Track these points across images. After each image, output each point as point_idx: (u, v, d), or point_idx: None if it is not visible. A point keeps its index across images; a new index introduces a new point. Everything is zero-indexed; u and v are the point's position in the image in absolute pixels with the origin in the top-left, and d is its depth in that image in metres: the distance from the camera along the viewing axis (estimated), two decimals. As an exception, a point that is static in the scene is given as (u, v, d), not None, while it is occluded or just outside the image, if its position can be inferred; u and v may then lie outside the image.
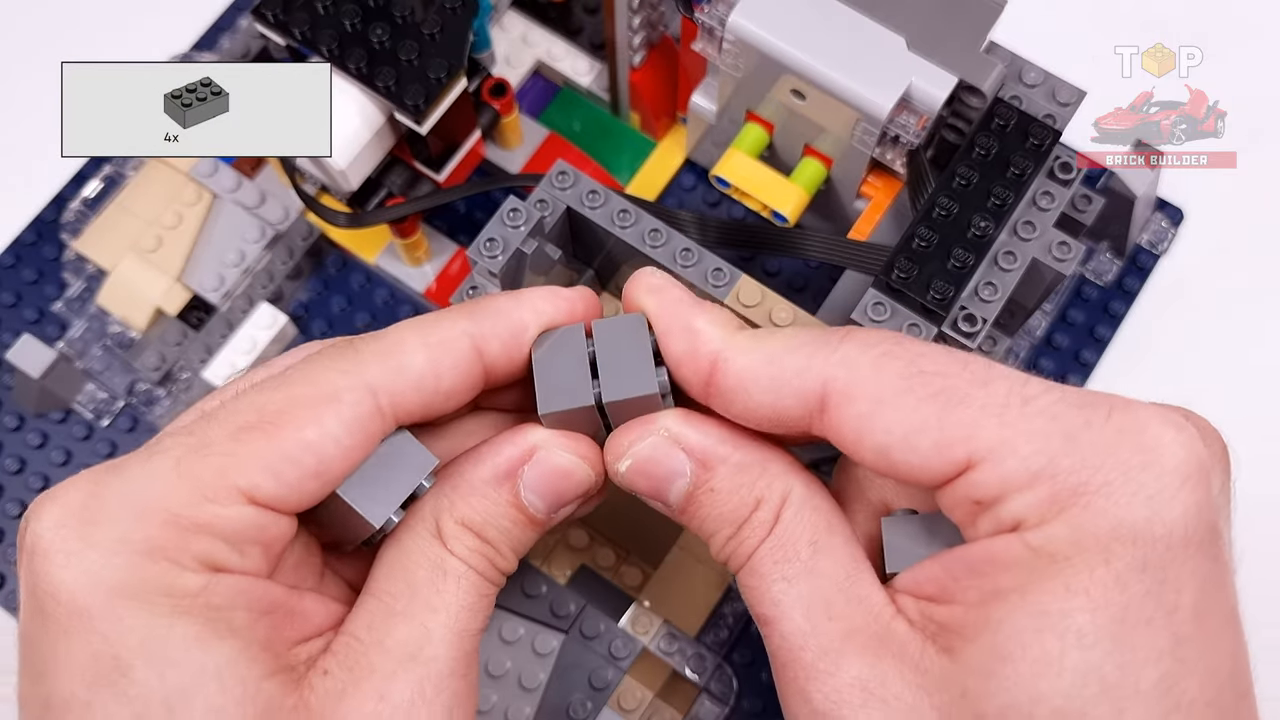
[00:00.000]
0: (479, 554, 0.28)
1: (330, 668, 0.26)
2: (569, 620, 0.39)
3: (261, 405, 0.26)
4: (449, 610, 0.27)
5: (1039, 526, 0.24)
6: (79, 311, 0.45)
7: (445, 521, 0.28)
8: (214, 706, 0.24)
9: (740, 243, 0.40)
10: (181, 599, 0.25)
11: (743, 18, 0.37)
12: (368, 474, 0.28)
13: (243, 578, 0.26)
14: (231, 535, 0.25)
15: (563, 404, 0.28)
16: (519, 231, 0.34)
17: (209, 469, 0.25)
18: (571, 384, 0.28)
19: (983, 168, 0.35)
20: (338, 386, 0.26)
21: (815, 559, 0.26)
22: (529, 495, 0.28)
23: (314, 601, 0.28)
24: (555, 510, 0.29)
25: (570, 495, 0.29)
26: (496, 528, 0.28)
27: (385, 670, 0.26)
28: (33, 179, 0.50)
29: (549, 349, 0.29)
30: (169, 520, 0.25)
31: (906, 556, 0.27)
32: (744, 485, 0.27)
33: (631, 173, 0.49)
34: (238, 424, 0.26)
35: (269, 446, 0.26)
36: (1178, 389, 0.47)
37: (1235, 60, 0.48)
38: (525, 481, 0.28)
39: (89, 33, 0.53)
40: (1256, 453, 0.47)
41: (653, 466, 0.28)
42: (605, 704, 0.38)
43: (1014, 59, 0.37)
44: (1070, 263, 0.36)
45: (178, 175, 0.45)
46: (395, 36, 0.38)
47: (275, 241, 0.45)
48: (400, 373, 0.27)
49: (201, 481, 0.25)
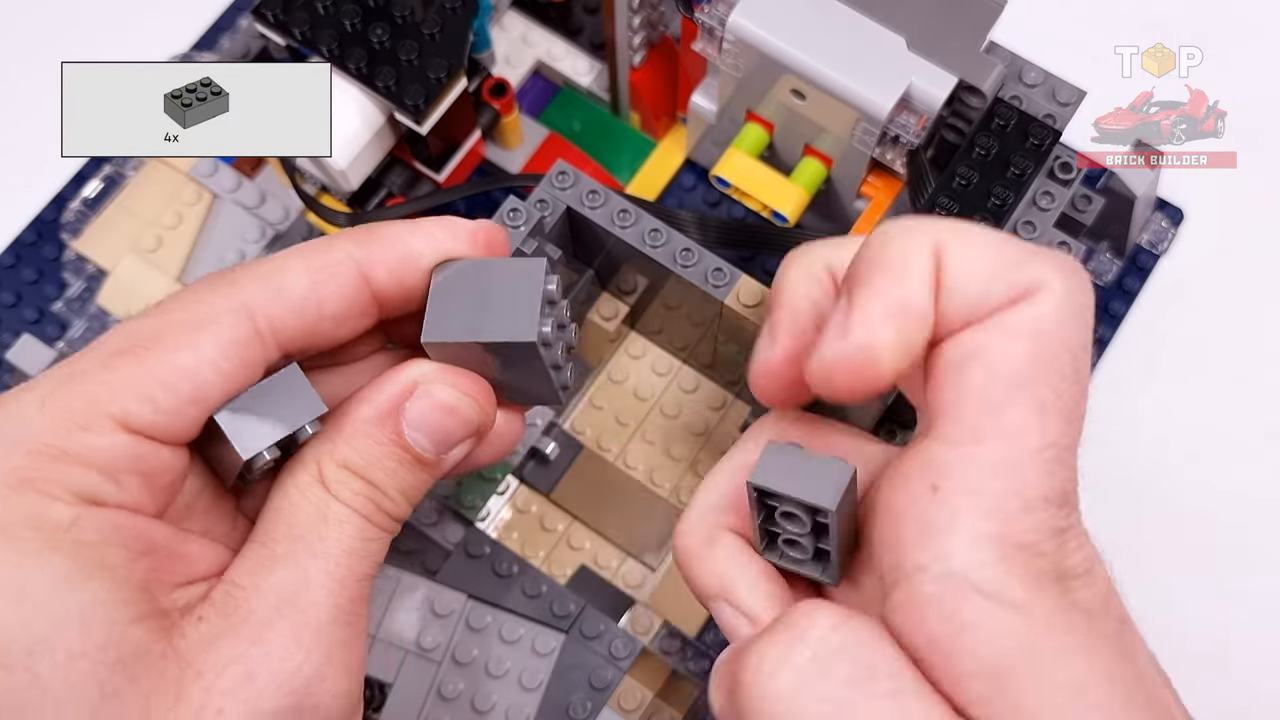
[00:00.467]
0: (363, 497, 0.27)
1: (205, 614, 0.25)
2: (569, 620, 0.39)
3: (134, 331, 0.26)
4: (330, 555, 0.26)
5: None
6: (79, 311, 0.45)
7: (326, 464, 0.27)
8: (75, 650, 0.23)
9: (740, 243, 0.40)
10: (52, 532, 0.24)
11: (743, 18, 0.37)
12: (251, 404, 0.27)
13: (119, 512, 0.25)
14: (106, 465, 0.25)
15: (445, 335, 0.27)
16: (519, 232, 0.34)
17: (80, 397, 0.24)
18: (461, 316, 0.27)
19: (983, 168, 0.35)
20: (215, 309, 0.26)
21: None
22: (413, 433, 0.27)
23: (202, 545, 0.27)
24: (444, 449, 0.28)
25: (457, 433, 0.28)
26: (381, 469, 0.27)
27: (261, 616, 0.25)
28: (33, 179, 0.50)
29: (448, 276, 0.28)
30: (38, 449, 0.24)
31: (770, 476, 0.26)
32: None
33: (631, 173, 0.49)
34: (110, 350, 0.25)
35: (142, 371, 0.25)
36: (1178, 389, 0.47)
37: (1235, 60, 0.48)
38: (408, 419, 0.27)
39: (89, 33, 0.53)
40: (1256, 452, 0.47)
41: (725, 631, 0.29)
42: (605, 704, 0.38)
43: (1014, 59, 0.37)
44: (1070, 263, 0.35)
45: (178, 175, 0.45)
46: (395, 36, 0.38)
47: (275, 241, 0.45)
48: (280, 295, 0.26)
49: (72, 410, 0.24)
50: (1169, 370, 0.47)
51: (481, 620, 0.39)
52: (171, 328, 0.26)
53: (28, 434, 0.24)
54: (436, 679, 0.39)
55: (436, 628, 0.39)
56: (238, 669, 0.25)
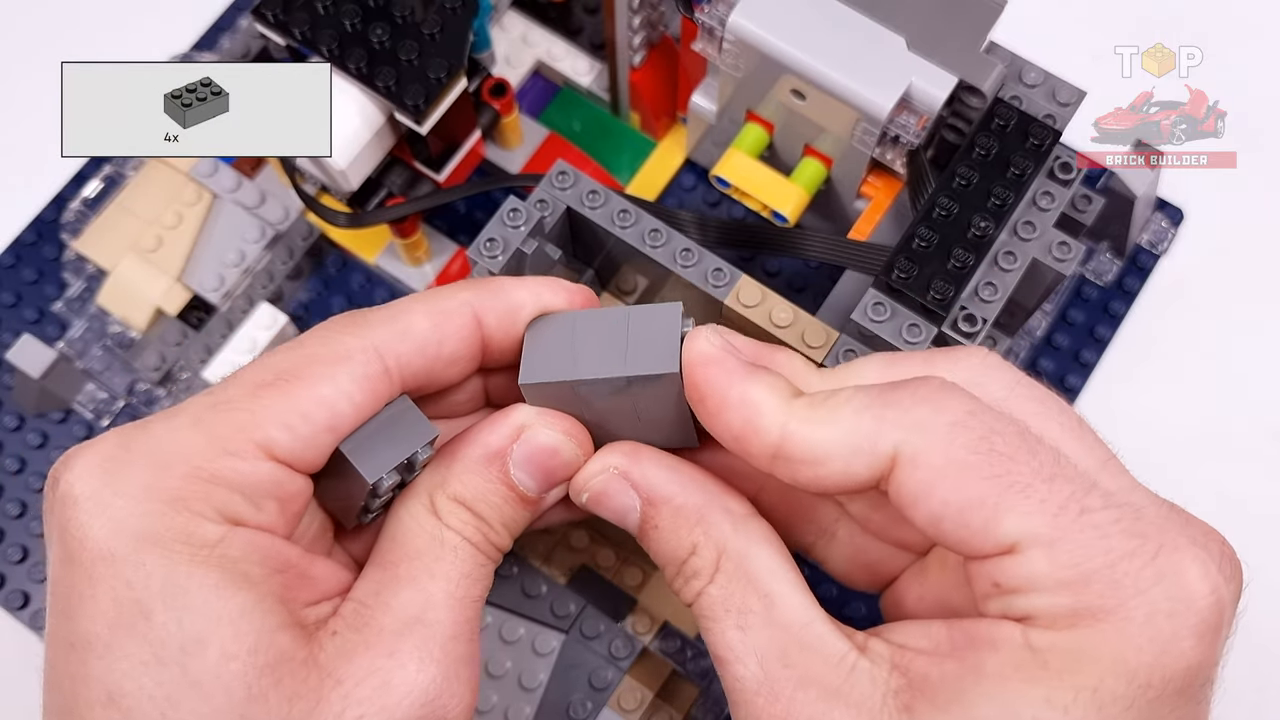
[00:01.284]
0: (472, 527, 0.29)
1: (339, 629, 0.27)
2: (569, 620, 0.39)
3: (277, 365, 0.28)
4: (449, 577, 0.28)
5: (1046, 629, 0.24)
6: (79, 311, 0.45)
7: (438, 497, 0.29)
8: (228, 652, 0.25)
9: (740, 243, 0.40)
10: (200, 548, 0.26)
11: (743, 18, 0.37)
12: (369, 435, 0.28)
13: (259, 533, 0.27)
14: (249, 489, 0.26)
15: (541, 376, 0.29)
16: (519, 231, 0.34)
17: (229, 424, 0.27)
18: (554, 359, 0.29)
19: (983, 168, 0.35)
20: (349, 347, 0.28)
21: (770, 611, 0.27)
22: (518, 473, 0.29)
23: (325, 567, 0.29)
24: (546, 488, 0.30)
25: (559, 474, 0.30)
26: (488, 504, 0.29)
27: (392, 630, 0.27)
28: (33, 179, 0.50)
29: (541, 326, 0.30)
30: (190, 472, 0.26)
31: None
32: (681, 528, 0.28)
33: (631, 173, 0.49)
34: (255, 382, 0.27)
35: (285, 402, 0.27)
36: (1177, 389, 0.47)
37: (1235, 60, 0.48)
38: (514, 460, 0.29)
39: (89, 33, 0.53)
40: (1256, 451, 0.47)
41: (606, 500, 0.29)
42: (605, 704, 0.38)
43: (1014, 59, 0.37)
44: (1070, 263, 0.35)
45: (178, 175, 0.45)
46: (395, 36, 0.38)
47: (275, 241, 0.45)
48: (405, 336, 0.29)
49: (221, 436, 0.26)
50: (1169, 370, 0.47)
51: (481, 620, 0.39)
52: (311, 361, 0.28)
53: (181, 455, 0.26)
54: (436, 679, 0.39)
55: (436, 628, 0.39)
56: (375, 680, 0.26)
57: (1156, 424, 0.47)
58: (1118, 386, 0.47)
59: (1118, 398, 0.47)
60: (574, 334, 0.30)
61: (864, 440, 0.26)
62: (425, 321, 0.29)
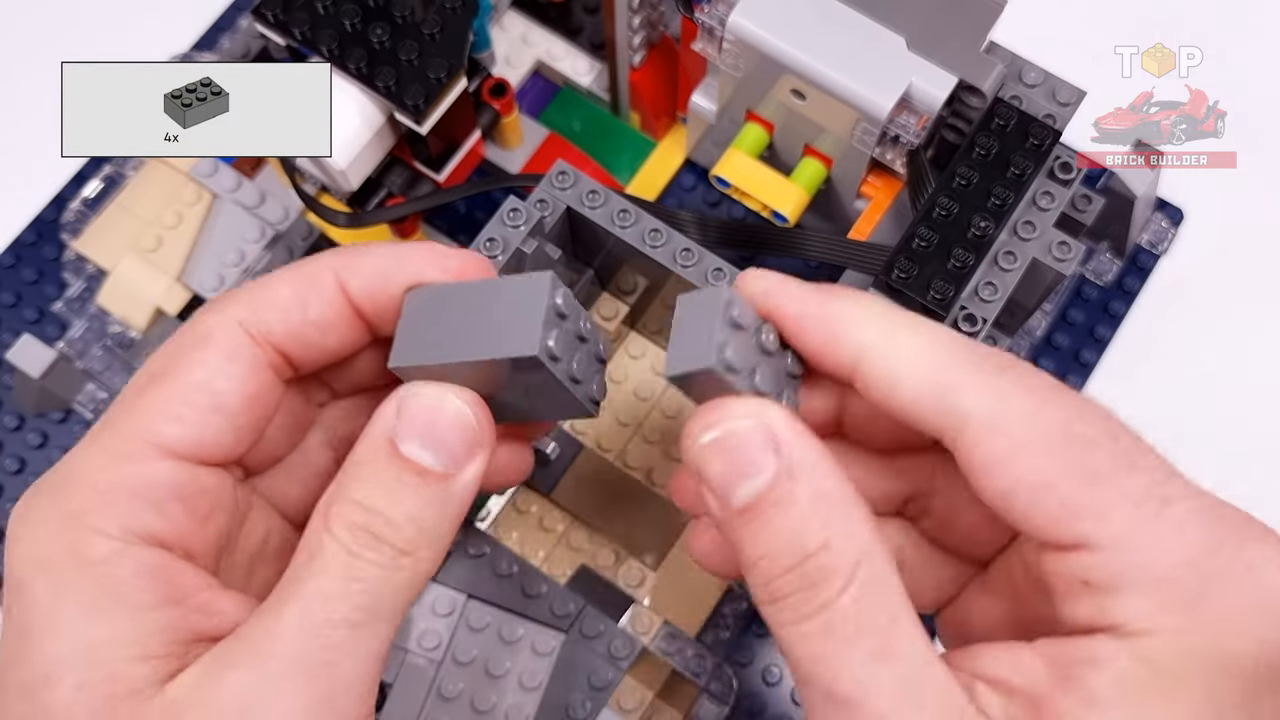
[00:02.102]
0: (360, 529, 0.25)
1: (206, 663, 0.25)
2: (569, 620, 0.39)
3: (150, 366, 0.27)
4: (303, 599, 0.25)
5: (1145, 636, 0.23)
6: (79, 311, 0.45)
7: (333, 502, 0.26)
8: (82, 680, 0.24)
9: (740, 243, 0.40)
10: (82, 565, 0.25)
11: (743, 18, 0.37)
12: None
13: (159, 554, 0.25)
14: (149, 491, 0.26)
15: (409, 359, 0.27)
16: (519, 231, 0.34)
17: (119, 431, 0.26)
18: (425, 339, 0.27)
19: (983, 168, 0.35)
20: (209, 326, 0.27)
21: (894, 639, 0.23)
22: (408, 446, 0.26)
23: (234, 601, 0.26)
24: (447, 457, 0.26)
25: (453, 434, 0.26)
26: (383, 492, 0.26)
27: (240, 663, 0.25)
28: (33, 179, 0.50)
29: (415, 302, 0.28)
30: (88, 486, 0.26)
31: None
32: (817, 516, 0.24)
33: (631, 173, 0.49)
34: (134, 388, 0.27)
35: (164, 395, 0.26)
36: (1177, 389, 0.47)
37: (1235, 60, 0.48)
38: (399, 433, 0.26)
39: (89, 33, 0.53)
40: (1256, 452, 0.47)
41: (735, 452, 0.24)
42: (605, 704, 0.38)
43: (1014, 59, 0.37)
44: (1070, 263, 0.35)
45: (178, 175, 0.45)
46: (395, 36, 0.38)
47: (275, 241, 0.45)
48: (269, 305, 0.28)
49: (113, 445, 0.26)
50: (1169, 370, 0.47)
51: (481, 620, 0.39)
52: (179, 351, 0.27)
53: (80, 473, 0.26)
54: (436, 679, 0.39)
55: (436, 627, 0.39)
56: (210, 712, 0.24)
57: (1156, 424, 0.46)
58: (1118, 386, 0.47)
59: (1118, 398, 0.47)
60: (444, 310, 0.27)
61: (946, 388, 0.24)
62: (286, 288, 0.28)
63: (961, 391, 0.24)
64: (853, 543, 0.24)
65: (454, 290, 0.27)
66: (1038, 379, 0.25)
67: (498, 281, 0.27)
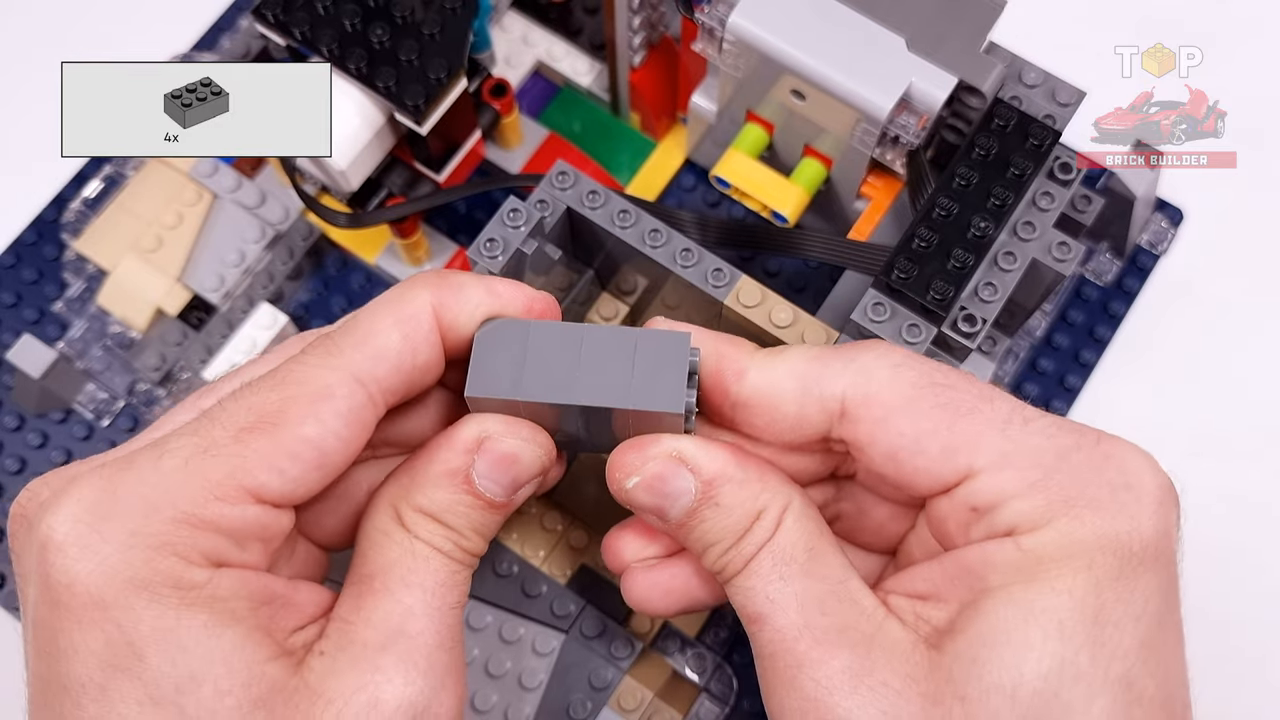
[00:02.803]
0: (441, 536, 0.29)
1: (325, 649, 0.27)
2: (569, 620, 0.39)
3: (260, 407, 0.27)
4: (424, 586, 0.28)
5: (1031, 532, 0.26)
6: (79, 311, 0.45)
7: (404, 510, 0.29)
8: (222, 688, 0.26)
9: (740, 243, 0.40)
10: (189, 591, 0.26)
11: (743, 18, 0.37)
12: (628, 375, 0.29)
13: (244, 571, 0.27)
14: (235, 532, 0.27)
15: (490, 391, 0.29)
16: (519, 231, 0.34)
17: (217, 470, 0.27)
18: (504, 372, 0.29)
19: (983, 168, 0.35)
20: (329, 382, 0.28)
21: (811, 563, 0.28)
22: (484, 482, 0.29)
23: (308, 591, 0.29)
24: (513, 491, 0.30)
25: (525, 476, 0.30)
26: (455, 513, 0.29)
27: (375, 645, 0.27)
28: (33, 179, 0.50)
29: (491, 334, 0.29)
30: (178, 518, 0.26)
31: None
32: (748, 498, 0.29)
33: (631, 173, 0.49)
34: (239, 425, 0.27)
35: (272, 445, 0.27)
36: (1178, 389, 0.47)
37: (1235, 60, 0.48)
38: (478, 471, 0.29)
39: (89, 33, 0.53)
40: (1256, 452, 0.47)
41: (661, 484, 0.29)
42: (605, 704, 0.38)
43: (1014, 59, 0.37)
44: (1070, 263, 0.35)
45: (178, 175, 0.45)
46: (395, 36, 0.38)
47: (275, 241, 0.45)
48: (381, 358, 0.29)
49: (210, 482, 0.26)
50: (1169, 370, 0.47)
51: (481, 620, 0.39)
52: (294, 402, 0.27)
53: (168, 501, 0.26)
54: (436, 679, 0.39)
55: (436, 628, 0.39)
56: (363, 696, 0.27)
57: (1156, 424, 0.47)
58: (1118, 386, 0.47)
59: (1118, 398, 0.47)
60: (527, 347, 0.29)
61: (813, 384, 0.28)
62: (396, 334, 0.29)
63: (825, 380, 0.28)
64: (780, 499, 0.29)
65: (539, 329, 0.29)
66: (896, 351, 0.29)
67: (584, 329, 0.29)
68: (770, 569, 0.28)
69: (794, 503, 0.29)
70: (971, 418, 0.27)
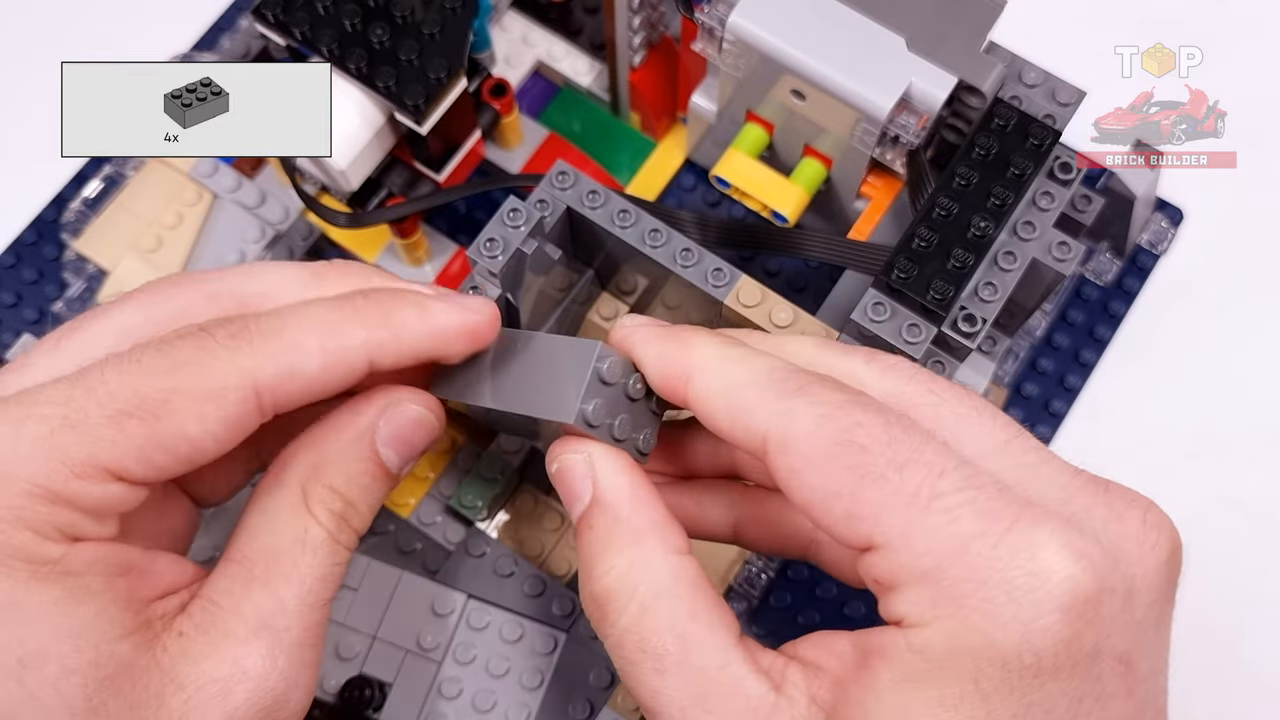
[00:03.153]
0: (338, 517, 0.29)
1: (185, 629, 0.27)
2: (569, 620, 0.39)
3: (144, 392, 0.26)
4: (304, 581, 0.28)
5: (918, 628, 0.24)
6: (79, 311, 0.45)
7: (312, 486, 0.29)
8: (69, 667, 0.25)
9: (740, 243, 0.40)
10: (41, 565, 0.25)
11: (743, 18, 0.37)
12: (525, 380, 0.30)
13: (99, 544, 0.26)
14: (93, 509, 0.26)
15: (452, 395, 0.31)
16: (519, 231, 0.34)
17: (81, 449, 0.26)
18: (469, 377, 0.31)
19: (983, 168, 0.35)
20: (225, 381, 0.27)
21: (686, 652, 0.26)
22: (385, 450, 0.30)
23: (168, 561, 0.28)
24: (406, 461, 0.30)
25: (420, 444, 0.30)
26: (358, 485, 0.29)
27: (239, 635, 0.27)
28: (33, 179, 0.50)
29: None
30: (33, 491, 0.25)
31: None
32: (612, 545, 0.28)
33: (631, 173, 0.49)
34: (118, 407, 0.26)
35: (147, 436, 0.26)
36: (1177, 389, 0.47)
37: (1235, 60, 0.48)
38: (381, 437, 0.29)
39: (89, 33, 0.53)
40: (1256, 452, 0.47)
41: (566, 477, 0.29)
42: (605, 704, 0.38)
43: (1014, 59, 0.37)
44: (1070, 263, 0.36)
45: (178, 175, 0.45)
46: (395, 36, 0.38)
47: (275, 241, 0.45)
48: (289, 377, 0.27)
49: (71, 459, 0.25)
50: (1169, 370, 0.47)
51: (481, 620, 0.39)
52: (180, 396, 0.26)
53: (25, 472, 0.25)
54: (437, 678, 0.39)
55: (436, 627, 0.39)
56: (216, 687, 0.26)
57: (1156, 424, 0.47)
58: (1118, 386, 0.47)
59: (1118, 398, 0.47)
60: (492, 354, 0.31)
61: (741, 413, 0.27)
62: (314, 362, 0.28)
63: (753, 413, 0.27)
64: (634, 569, 0.27)
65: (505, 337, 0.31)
66: (828, 393, 0.26)
67: (549, 339, 0.30)
68: (640, 657, 0.27)
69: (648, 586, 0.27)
70: (878, 486, 0.25)
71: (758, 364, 0.28)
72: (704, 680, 0.26)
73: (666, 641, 0.27)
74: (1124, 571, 0.25)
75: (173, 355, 0.27)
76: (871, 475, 0.25)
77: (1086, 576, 0.24)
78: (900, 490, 0.25)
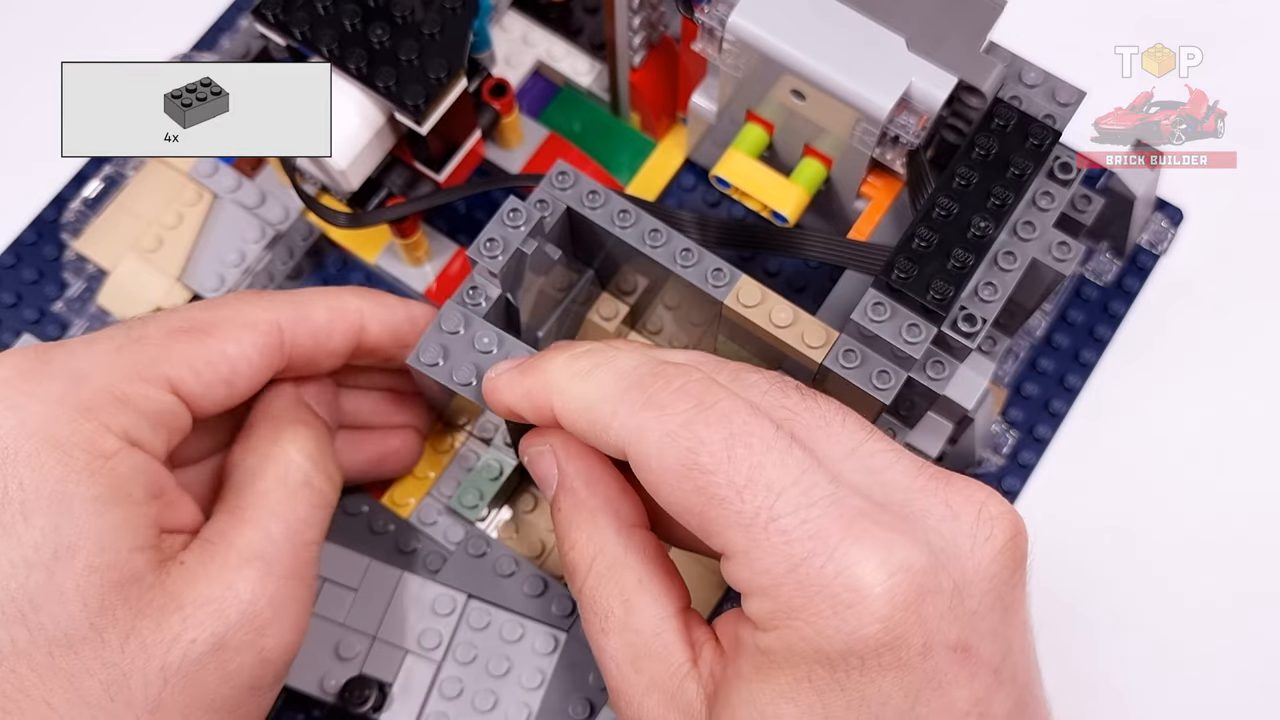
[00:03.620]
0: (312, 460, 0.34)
1: (186, 560, 0.31)
2: (569, 620, 0.39)
3: (194, 317, 0.32)
4: (288, 520, 0.32)
5: (763, 631, 0.27)
6: (79, 311, 0.45)
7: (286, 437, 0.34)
8: (93, 564, 0.28)
9: (740, 243, 0.40)
10: (96, 457, 0.29)
11: (743, 18, 0.37)
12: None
13: (148, 457, 0.30)
14: (151, 415, 0.30)
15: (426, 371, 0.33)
16: (519, 231, 0.34)
17: (145, 356, 0.31)
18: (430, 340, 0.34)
19: (983, 168, 0.35)
20: (256, 318, 0.33)
21: (628, 617, 0.29)
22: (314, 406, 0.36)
23: (190, 505, 0.32)
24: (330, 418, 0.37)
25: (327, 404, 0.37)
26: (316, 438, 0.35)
27: (233, 565, 0.31)
28: (33, 179, 0.50)
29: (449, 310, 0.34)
30: (105, 389, 0.30)
31: None
32: (574, 521, 0.31)
33: (631, 173, 0.49)
34: (171, 326, 0.32)
35: (196, 348, 0.32)
36: (1177, 389, 0.47)
37: (1235, 60, 0.48)
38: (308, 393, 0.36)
39: (89, 33, 0.53)
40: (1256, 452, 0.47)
41: (534, 468, 0.32)
42: (605, 704, 0.38)
43: (1014, 59, 0.37)
44: (1070, 263, 0.36)
45: (178, 175, 0.45)
46: (395, 36, 0.38)
47: (275, 241, 0.45)
48: (304, 321, 0.34)
49: (138, 364, 0.30)
50: (1169, 370, 0.47)
51: (481, 619, 0.39)
52: (223, 322, 0.32)
53: (98, 373, 0.30)
54: (437, 678, 0.39)
55: (437, 627, 0.39)
56: (211, 607, 0.30)
57: (1156, 424, 0.47)
58: (1118, 386, 0.47)
59: (1118, 398, 0.47)
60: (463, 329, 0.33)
61: (602, 430, 0.29)
62: (324, 314, 0.34)
63: (609, 429, 0.28)
64: (591, 542, 0.30)
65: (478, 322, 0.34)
66: (675, 407, 0.28)
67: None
68: (591, 616, 0.30)
69: (603, 554, 0.30)
70: (721, 507, 0.27)
71: (604, 376, 0.29)
72: (639, 642, 0.29)
73: (613, 605, 0.30)
74: (952, 569, 0.27)
75: (214, 302, 0.33)
76: (716, 498, 0.27)
77: (904, 586, 0.26)
78: (741, 512, 0.26)
